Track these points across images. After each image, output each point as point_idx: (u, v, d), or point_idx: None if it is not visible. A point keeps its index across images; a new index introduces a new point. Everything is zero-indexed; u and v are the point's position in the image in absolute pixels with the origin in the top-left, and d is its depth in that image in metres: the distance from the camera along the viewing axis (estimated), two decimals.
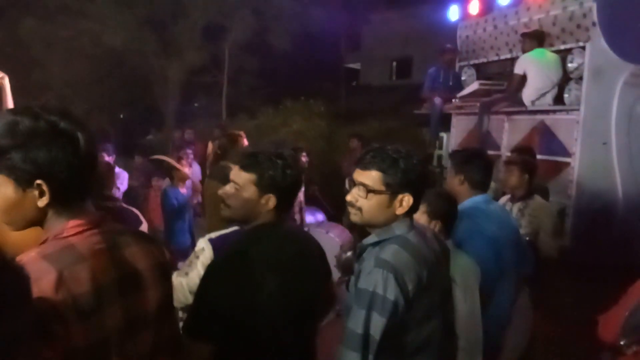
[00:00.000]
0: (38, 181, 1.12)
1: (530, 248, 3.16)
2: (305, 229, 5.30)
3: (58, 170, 1.12)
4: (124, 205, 3.14)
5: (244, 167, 1.77)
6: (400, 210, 1.71)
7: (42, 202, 1.14)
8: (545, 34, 5.72)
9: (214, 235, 2.09)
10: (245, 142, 4.32)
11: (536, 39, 5.66)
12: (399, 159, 1.69)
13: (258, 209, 1.77)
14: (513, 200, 3.63)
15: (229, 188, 1.79)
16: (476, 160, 2.70)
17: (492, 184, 3.15)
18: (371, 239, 1.76)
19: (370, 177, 1.70)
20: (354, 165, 1.78)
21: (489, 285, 2.30)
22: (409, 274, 1.62)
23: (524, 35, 5.81)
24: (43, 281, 1.07)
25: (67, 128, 1.13)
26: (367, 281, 1.63)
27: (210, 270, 1.70)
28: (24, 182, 1.12)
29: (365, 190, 1.70)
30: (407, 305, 1.62)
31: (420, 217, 2.25)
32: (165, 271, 1.36)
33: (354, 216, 1.77)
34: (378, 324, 1.60)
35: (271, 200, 1.75)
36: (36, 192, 1.13)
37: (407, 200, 1.71)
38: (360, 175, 1.73)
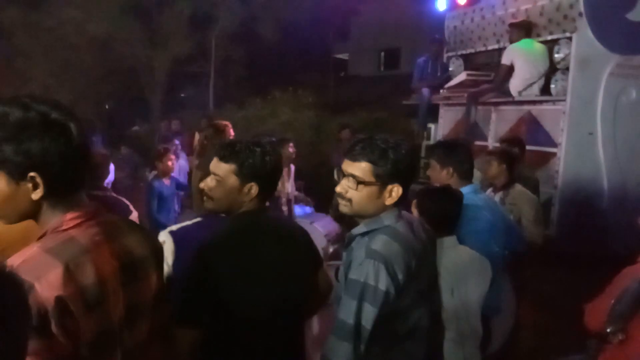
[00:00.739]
0: (31, 173, 1.10)
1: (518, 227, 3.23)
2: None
3: (51, 162, 1.10)
4: (114, 195, 3.10)
5: (223, 158, 1.77)
6: (389, 201, 1.72)
7: (37, 195, 1.12)
8: (533, 25, 5.74)
9: (175, 227, 2.09)
10: (232, 132, 4.28)
11: (524, 29, 5.68)
12: (388, 150, 1.69)
13: (241, 199, 1.77)
14: (495, 190, 3.69)
15: (209, 180, 1.80)
16: (461, 151, 2.75)
17: (477, 174, 3.18)
18: (360, 229, 1.77)
19: (360, 168, 1.70)
20: (343, 156, 1.77)
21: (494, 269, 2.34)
22: (399, 264, 1.64)
23: (511, 25, 5.82)
24: (50, 275, 1.06)
25: (58, 118, 1.11)
26: (359, 272, 1.64)
27: (195, 257, 1.70)
28: (16, 174, 1.10)
29: (355, 182, 1.70)
30: (397, 294, 1.64)
31: (413, 211, 2.26)
32: (159, 259, 1.37)
33: (344, 207, 1.77)
34: (369, 314, 1.62)
35: (253, 189, 1.76)
36: (30, 185, 1.11)
37: (396, 190, 1.71)
38: (350, 167, 1.73)
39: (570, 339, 3.11)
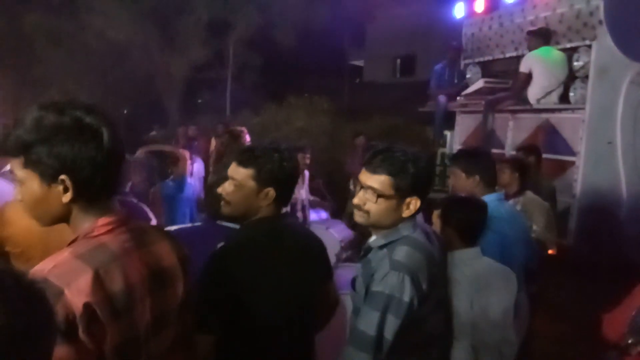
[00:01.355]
0: (62, 176, 1.12)
1: (536, 244, 3.19)
2: (307, 226, 5.30)
3: (81, 166, 1.12)
4: (134, 201, 3.13)
5: (242, 163, 1.78)
6: (407, 213, 1.72)
7: (66, 198, 1.14)
8: (552, 32, 5.70)
9: (173, 228, 2.11)
10: (248, 138, 4.32)
11: (542, 37, 5.64)
12: (408, 162, 1.69)
13: (258, 204, 1.78)
14: (507, 198, 3.67)
15: (227, 185, 1.81)
16: (485, 159, 2.75)
17: None
18: (378, 241, 1.77)
19: (380, 181, 1.70)
20: (362, 166, 1.77)
21: None
22: (424, 274, 1.64)
23: (529, 33, 5.78)
24: (80, 281, 1.06)
25: (91, 123, 1.13)
26: (383, 284, 1.64)
27: (211, 262, 1.71)
28: (48, 176, 1.12)
29: (375, 195, 1.70)
30: (420, 303, 1.64)
31: (436, 221, 2.26)
32: (185, 267, 1.37)
33: (360, 218, 1.77)
34: (392, 325, 1.62)
35: (270, 193, 1.77)
36: (60, 188, 1.13)
37: (414, 203, 1.72)
38: (369, 179, 1.72)
39: (587, 349, 3.07)
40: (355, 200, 1.76)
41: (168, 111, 15.47)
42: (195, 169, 6.14)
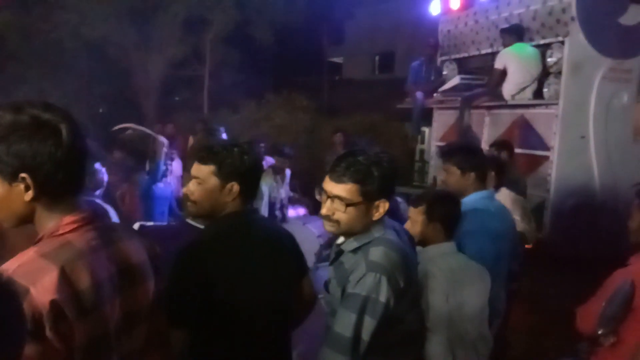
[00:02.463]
0: (22, 174, 1.11)
1: (520, 243, 3.22)
2: (285, 223, 5.29)
3: (40, 163, 1.10)
4: (97, 200, 3.08)
5: (202, 160, 1.79)
6: (377, 216, 1.73)
7: (28, 196, 1.13)
8: (524, 29, 5.77)
9: (148, 224, 2.10)
10: (225, 136, 4.29)
11: (515, 33, 5.72)
12: (372, 166, 1.68)
13: (223, 199, 1.78)
14: None
15: (191, 184, 1.81)
16: (480, 155, 2.72)
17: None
18: (350, 244, 1.76)
19: (347, 189, 1.69)
20: (326, 173, 1.76)
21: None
22: (400, 274, 1.65)
23: (502, 31, 5.86)
24: (45, 279, 1.06)
25: (49, 120, 1.12)
26: (360, 286, 1.64)
27: (178, 257, 1.70)
28: (8, 175, 1.11)
29: (344, 204, 1.69)
30: (397, 302, 1.65)
31: (418, 217, 2.25)
32: (156, 265, 1.37)
33: (331, 227, 1.75)
34: (369, 326, 1.62)
35: (234, 188, 1.77)
36: (22, 186, 1.12)
37: (383, 205, 1.73)
38: (335, 188, 1.70)
39: (563, 341, 3.12)
40: (323, 211, 1.74)
41: (145, 109, 15.28)
42: (173, 167, 6.08)
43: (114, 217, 2.98)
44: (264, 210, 4.91)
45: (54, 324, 1.04)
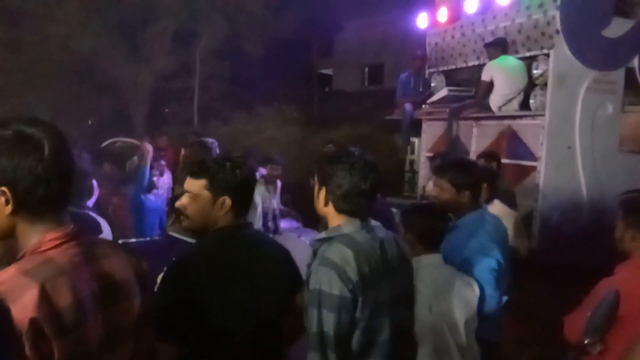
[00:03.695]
0: (2, 188, 1.11)
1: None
2: (278, 235, 5.29)
3: (21, 177, 1.11)
4: (90, 213, 3.08)
5: (194, 174, 1.81)
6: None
7: (8, 210, 1.13)
8: (508, 42, 5.87)
9: (132, 240, 2.10)
10: (217, 150, 4.29)
11: (500, 47, 5.83)
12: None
13: (215, 213, 1.79)
14: None
15: (184, 198, 1.83)
16: (475, 173, 2.65)
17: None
18: (320, 235, 1.83)
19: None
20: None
21: (489, 307, 2.35)
22: (351, 270, 1.67)
23: (486, 45, 5.97)
24: (25, 297, 1.05)
25: (32, 134, 1.12)
26: (314, 280, 1.68)
27: (168, 271, 1.70)
28: None
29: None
30: (354, 301, 1.67)
31: (400, 227, 2.28)
32: (143, 281, 1.35)
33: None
34: (329, 320, 1.64)
35: (226, 202, 1.78)
36: (2, 199, 1.12)
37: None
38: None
39: (551, 350, 3.15)
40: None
41: (134, 121, 15.23)
42: (164, 179, 6.07)
43: (107, 230, 2.97)
44: (258, 221, 4.91)
45: (34, 342, 1.03)
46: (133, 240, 2.49)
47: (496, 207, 3.65)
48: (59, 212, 1.21)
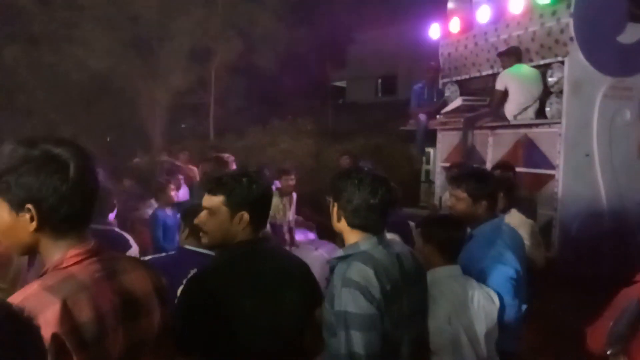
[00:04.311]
0: (28, 205, 1.15)
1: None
2: (295, 247, 5.30)
3: (46, 196, 1.15)
4: (116, 229, 3.13)
5: (211, 191, 1.84)
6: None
7: (32, 227, 1.16)
8: (522, 50, 5.86)
9: (148, 257, 2.13)
10: (234, 165, 4.34)
11: (514, 55, 5.81)
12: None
13: (234, 228, 1.81)
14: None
15: (202, 215, 1.85)
16: (492, 183, 2.64)
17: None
18: (338, 253, 1.84)
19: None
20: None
21: (509, 316, 2.34)
22: (374, 288, 1.68)
23: (500, 54, 5.95)
24: (47, 313, 1.08)
25: (59, 154, 1.17)
26: (339, 302, 1.68)
27: (188, 286, 1.72)
28: (15, 205, 1.16)
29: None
30: (381, 317, 1.67)
31: (417, 239, 2.29)
32: (162, 296, 1.37)
33: None
34: (359, 340, 1.64)
35: (244, 217, 1.80)
36: (27, 216, 1.16)
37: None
38: None
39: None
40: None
41: (151, 137, 15.46)
42: (180, 195, 6.13)
43: (135, 246, 3.02)
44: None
45: (56, 357, 1.06)
46: (149, 257, 2.50)
47: (513, 217, 3.62)
48: (82, 229, 1.24)
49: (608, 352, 2.04)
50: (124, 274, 1.28)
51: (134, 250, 3.03)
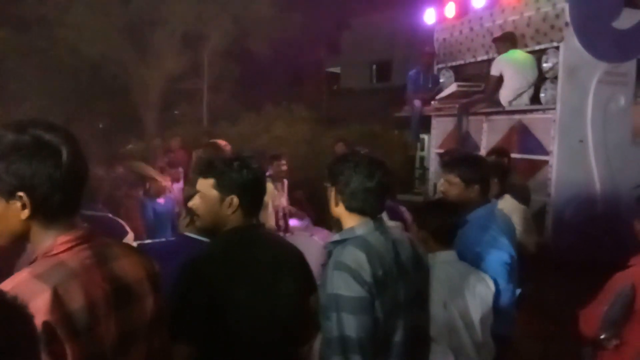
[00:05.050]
0: (20, 193, 1.12)
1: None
2: (289, 234, 5.29)
3: (39, 183, 1.12)
4: (110, 215, 3.11)
5: (202, 174, 1.83)
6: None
7: (24, 215, 1.14)
8: (517, 36, 5.83)
9: (147, 241, 2.12)
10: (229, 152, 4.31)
11: (509, 41, 5.79)
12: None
13: (224, 213, 1.80)
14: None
15: (195, 198, 1.85)
16: (485, 167, 2.66)
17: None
18: (334, 238, 1.84)
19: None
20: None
21: (503, 300, 2.35)
22: (365, 273, 1.67)
23: (495, 40, 5.92)
24: (38, 301, 1.06)
25: (51, 141, 1.14)
26: (330, 285, 1.69)
27: (182, 272, 1.71)
28: (6, 193, 1.13)
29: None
30: (372, 302, 1.67)
31: (412, 226, 2.28)
32: (155, 283, 1.35)
33: None
34: (351, 323, 1.64)
35: (234, 201, 1.79)
36: (19, 204, 1.13)
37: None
38: None
39: (567, 346, 3.13)
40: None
41: (144, 123, 15.36)
42: (179, 185, 6.09)
43: (130, 232, 3.00)
44: (271, 220, 4.94)
45: (48, 346, 1.04)
46: (149, 241, 2.49)
47: (507, 202, 3.64)
48: (72, 215, 1.22)
49: (602, 337, 2.06)
50: (115, 261, 1.25)
51: (130, 237, 3.01)
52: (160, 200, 4.89)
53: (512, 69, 5.72)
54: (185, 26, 14.18)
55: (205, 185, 1.81)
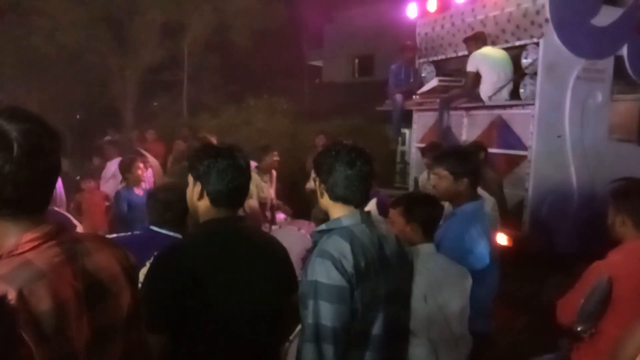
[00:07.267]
0: None
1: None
2: (276, 226, 5.25)
3: None
4: (55, 208, 3.05)
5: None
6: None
7: None
8: (498, 31, 5.88)
9: (113, 236, 2.12)
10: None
11: (480, 40, 5.88)
12: None
13: (193, 202, 1.81)
14: None
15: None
16: (474, 160, 2.70)
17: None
18: (320, 227, 1.83)
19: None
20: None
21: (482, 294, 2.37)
22: (347, 262, 1.67)
23: (466, 40, 5.97)
24: (2, 304, 1.00)
25: (7, 131, 1.04)
26: (310, 272, 1.69)
27: (155, 263, 1.69)
28: None
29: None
30: (351, 292, 1.67)
31: (397, 219, 2.27)
32: (131, 276, 1.30)
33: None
34: (327, 311, 1.64)
35: (197, 188, 1.77)
36: None
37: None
38: None
39: (543, 337, 3.17)
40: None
41: (122, 115, 15.11)
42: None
43: (77, 224, 2.93)
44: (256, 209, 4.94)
45: (15, 350, 0.98)
46: (114, 235, 2.44)
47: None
48: (37, 212, 1.14)
49: (578, 329, 2.07)
50: (86, 256, 1.18)
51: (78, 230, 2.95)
52: (139, 192, 4.78)
53: (487, 63, 5.77)
54: (165, 16, 13.95)
55: (186, 172, 1.85)
